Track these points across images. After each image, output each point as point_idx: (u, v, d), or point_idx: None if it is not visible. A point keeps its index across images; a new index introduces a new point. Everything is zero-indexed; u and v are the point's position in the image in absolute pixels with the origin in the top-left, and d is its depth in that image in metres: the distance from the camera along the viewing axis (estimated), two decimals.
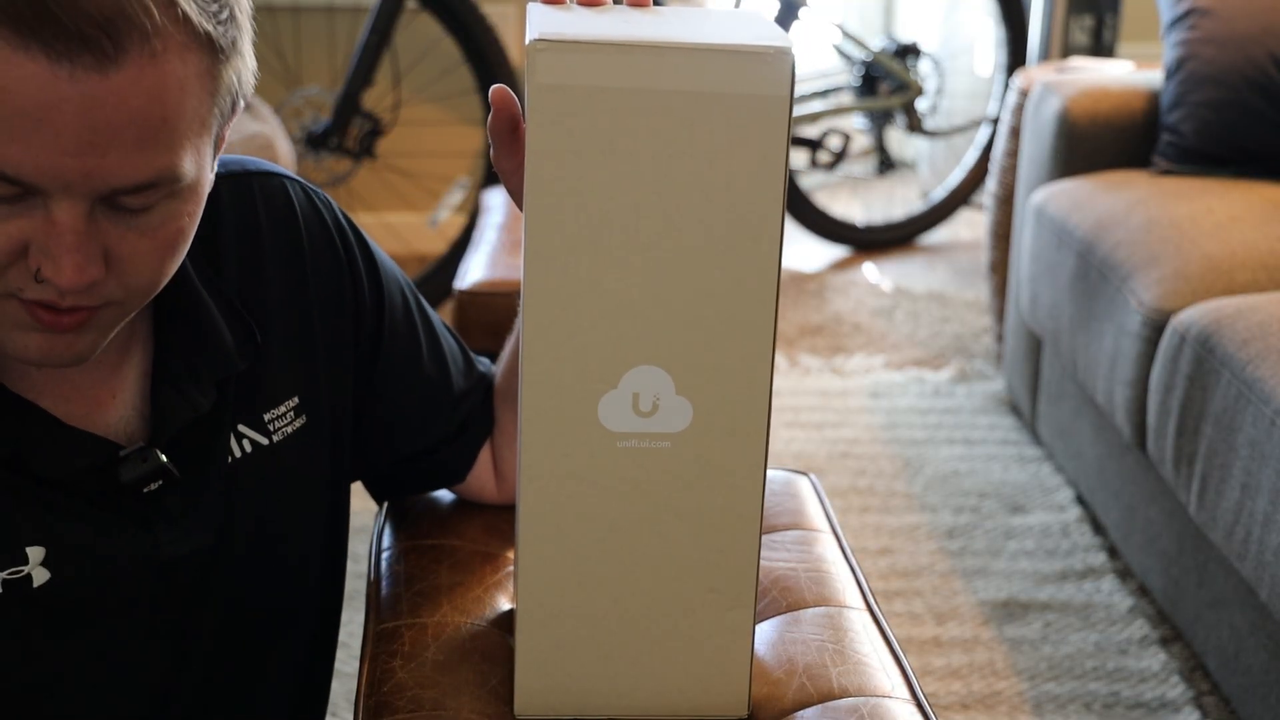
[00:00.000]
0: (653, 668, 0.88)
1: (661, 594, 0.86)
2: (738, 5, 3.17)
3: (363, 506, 2.53)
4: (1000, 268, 2.68)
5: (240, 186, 0.93)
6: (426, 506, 1.11)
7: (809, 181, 3.74)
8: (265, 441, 0.92)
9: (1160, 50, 2.34)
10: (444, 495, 1.13)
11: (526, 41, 0.76)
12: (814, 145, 3.44)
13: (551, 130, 0.76)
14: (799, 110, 3.35)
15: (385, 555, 1.06)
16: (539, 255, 0.79)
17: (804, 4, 3.22)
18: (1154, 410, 1.81)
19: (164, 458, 0.85)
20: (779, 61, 0.75)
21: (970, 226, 3.70)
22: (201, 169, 0.77)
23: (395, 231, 3.30)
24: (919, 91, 3.45)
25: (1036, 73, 2.65)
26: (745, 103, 0.76)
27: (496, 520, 1.10)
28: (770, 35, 0.78)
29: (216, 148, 0.80)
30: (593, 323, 0.80)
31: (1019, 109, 2.58)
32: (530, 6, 0.84)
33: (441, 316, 1.04)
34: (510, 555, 1.06)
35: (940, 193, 3.60)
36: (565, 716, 0.88)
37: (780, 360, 2.85)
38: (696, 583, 0.86)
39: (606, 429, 0.82)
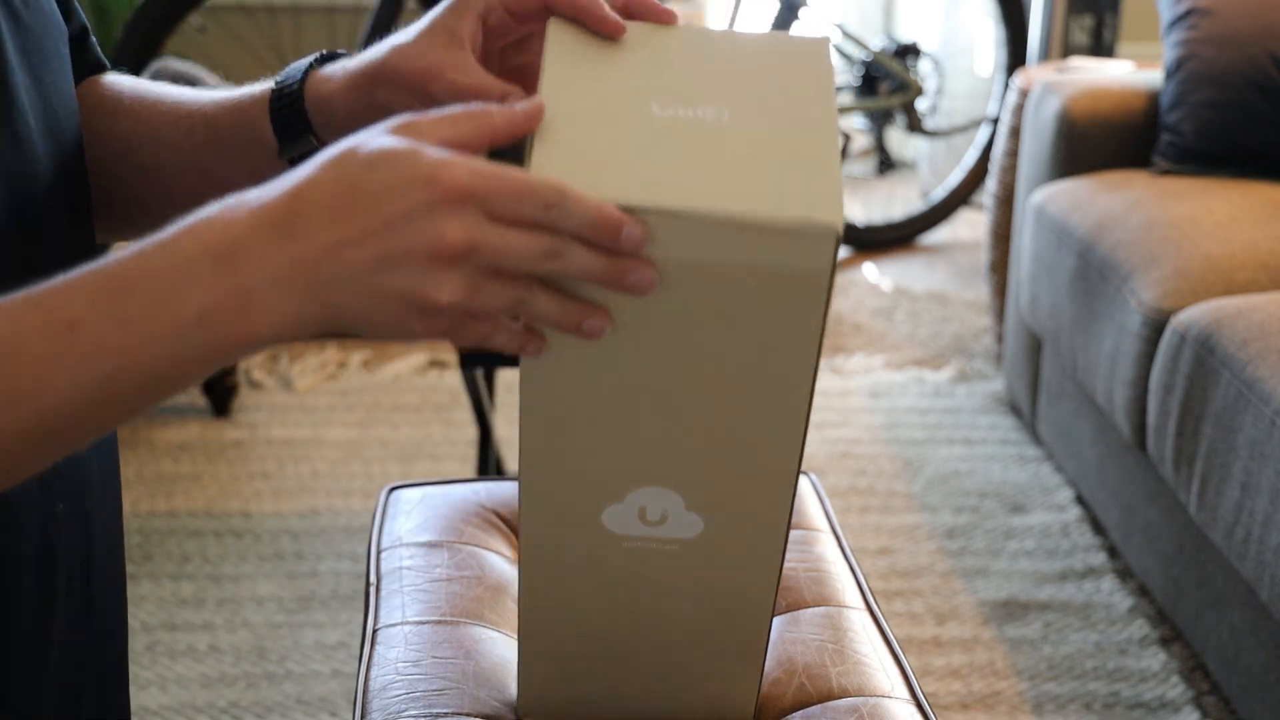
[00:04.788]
0: (658, 699, 0.88)
1: (666, 661, 0.85)
2: (735, 12, 3.17)
3: (363, 506, 2.53)
4: (1000, 268, 2.68)
5: None
6: (427, 506, 1.11)
7: None
8: None
9: (1160, 50, 2.34)
10: (443, 495, 1.13)
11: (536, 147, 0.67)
12: None
13: None
14: None
15: (385, 555, 1.06)
16: (536, 387, 0.72)
17: (804, 4, 3.22)
18: (1154, 410, 1.81)
19: None
20: (822, 238, 0.65)
21: (970, 226, 3.70)
22: None
23: None
24: (919, 91, 3.45)
25: (1036, 73, 2.65)
26: (782, 275, 0.67)
27: (497, 519, 1.10)
28: (820, 169, 0.67)
29: None
30: (595, 450, 0.74)
31: (1019, 109, 2.58)
32: (550, 37, 0.74)
33: None
34: (511, 554, 1.06)
35: (940, 193, 3.60)
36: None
37: None
38: (704, 651, 0.85)
39: (611, 532, 0.78)
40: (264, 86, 0.82)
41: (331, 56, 0.82)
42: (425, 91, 0.73)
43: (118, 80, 0.90)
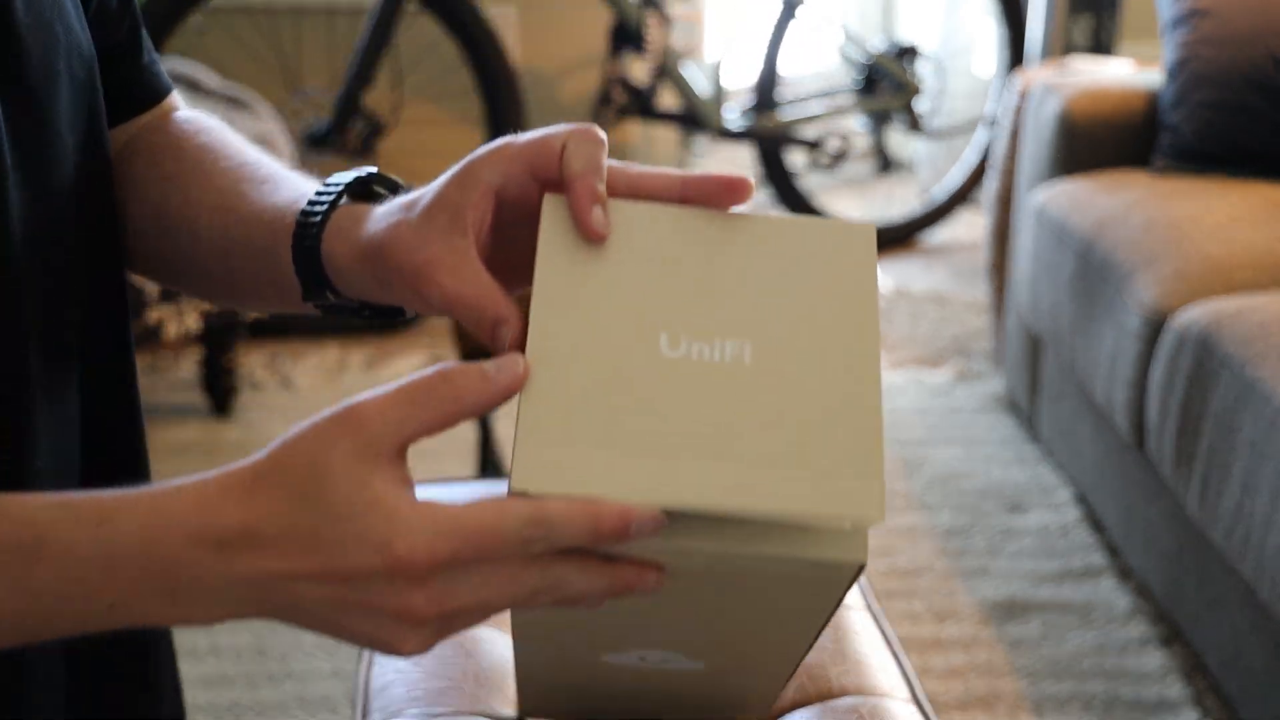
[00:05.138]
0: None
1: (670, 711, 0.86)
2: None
3: None
4: (1000, 268, 2.68)
5: None
6: None
7: (808, 183, 3.74)
8: None
9: (1160, 50, 2.34)
10: (443, 494, 1.12)
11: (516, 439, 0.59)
12: (813, 146, 3.44)
13: None
14: (798, 113, 3.35)
15: None
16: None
17: (803, 4, 3.22)
18: (1154, 410, 1.81)
19: None
20: (854, 548, 0.59)
21: (970, 226, 3.70)
22: None
23: None
24: (918, 92, 3.45)
25: (1036, 73, 2.65)
26: (804, 565, 0.59)
27: None
28: (855, 438, 0.60)
29: None
30: (592, 631, 0.71)
31: (1019, 109, 2.58)
32: (544, 223, 0.64)
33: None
34: None
35: (940, 193, 3.60)
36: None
37: None
38: (711, 711, 0.85)
39: (608, 663, 0.76)
40: (295, 204, 0.73)
41: (365, 188, 0.74)
42: (417, 290, 0.66)
43: (186, 134, 0.83)
